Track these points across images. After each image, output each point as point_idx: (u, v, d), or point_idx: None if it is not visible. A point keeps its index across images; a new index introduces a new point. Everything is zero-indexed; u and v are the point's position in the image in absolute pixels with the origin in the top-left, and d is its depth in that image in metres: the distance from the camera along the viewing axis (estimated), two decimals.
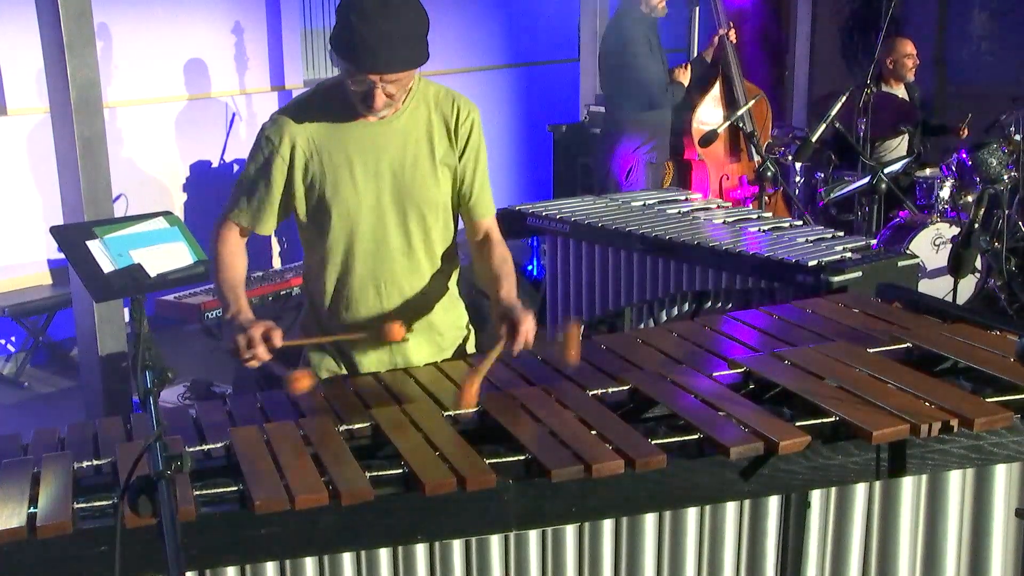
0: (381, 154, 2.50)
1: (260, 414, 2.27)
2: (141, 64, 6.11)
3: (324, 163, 2.49)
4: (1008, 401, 2.15)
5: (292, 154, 2.48)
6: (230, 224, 2.57)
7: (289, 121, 2.49)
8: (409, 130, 2.51)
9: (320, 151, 2.48)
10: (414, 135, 2.52)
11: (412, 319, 2.62)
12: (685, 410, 2.15)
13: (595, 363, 2.46)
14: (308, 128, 2.48)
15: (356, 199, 2.50)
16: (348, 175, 2.49)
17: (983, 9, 7.94)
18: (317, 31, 7.31)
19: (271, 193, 2.51)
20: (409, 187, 2.53)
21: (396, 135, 2.50)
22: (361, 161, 2.49)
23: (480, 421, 2.21)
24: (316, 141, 2.48)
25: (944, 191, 5.73)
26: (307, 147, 2.48)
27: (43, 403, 5.27)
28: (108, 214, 4.36)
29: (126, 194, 5.55)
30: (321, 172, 2.49)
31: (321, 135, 2.49)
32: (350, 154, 2.49)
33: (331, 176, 2.49)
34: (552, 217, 4.39)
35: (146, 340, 1.75)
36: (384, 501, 1.89)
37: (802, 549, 2.12)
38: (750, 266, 3.70)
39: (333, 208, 2.50)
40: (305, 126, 2.48)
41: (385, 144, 2.50)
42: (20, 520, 1.77)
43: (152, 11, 6.11)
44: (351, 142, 2.49)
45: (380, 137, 2.50)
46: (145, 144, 6.22)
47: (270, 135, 2.49)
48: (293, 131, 2.48)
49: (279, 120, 2.50)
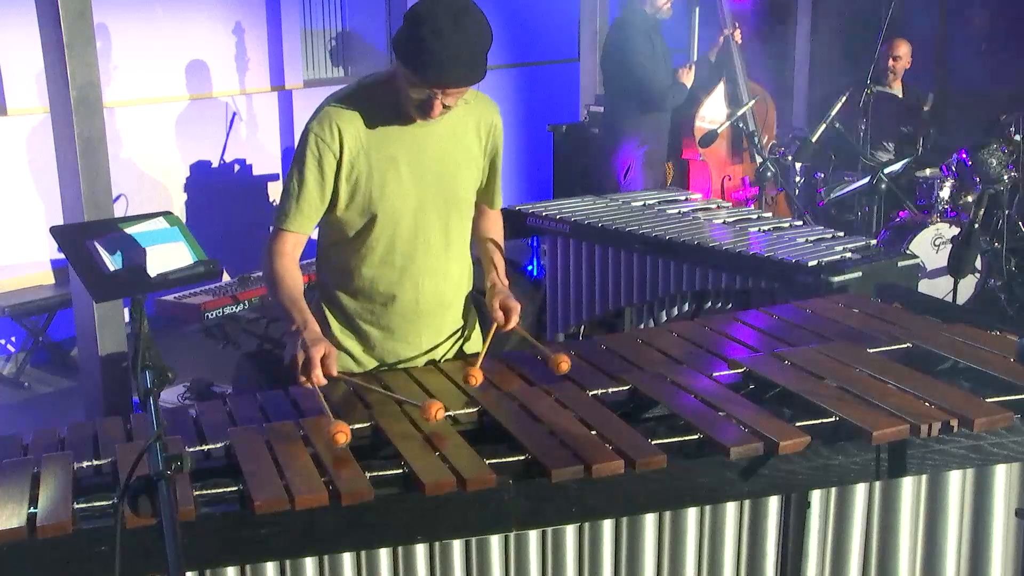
0: (425, 154, 2.53)
1: (260, 414, 2.27)
2: (141, 64, 6.11)
3: (371, 161, 2.49)
4: (1008, 401, 2.15)
5: (341, 149, 2.47)
6: (282, 235, 2.52)
7: (338, 116, 2.47)
8: (450, 132, 2.55)
9: (367, 148, 2.49)
10: (454, 136, 2.56)
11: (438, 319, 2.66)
12: (685, 410, 2.15)
13: (595, 363, 2.46)
14: (355, 124, 2.48)
15: (401, 198, 2.52)
16: (395, 173, 2.51)
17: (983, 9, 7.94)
18: (317, 31, 7.31)
19: (323, 190, 2.49)
20: (450, 187, 2.57)
21: (439, 136, 2.54)
22: (407, 160, 2.51)
23: (480, 421, 2.21)
24: (363, 138, 2.48)
25: (944, 191, 5.72)
26: (354, 144, 2.48)
27: (43, 403, 5.27)
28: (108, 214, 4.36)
29: (126, 194, 5.55)
30: (368, 170, 2.49)
31: (368, 132, 2.49)
32: (395, 153, 2.50)
33: (378, 174, 2.50)
34: (552, 217, 4.39)
35: (146, 340, 1.75)
36: (384, 501, 1.89)
37: (802, 549, 2.12)
38: (750, 266, 3.70)
39: (379, 205, 2.51)
40: (353, 122, 2.48)
41: (429, 144, 2.53)
42: (20, 520, 1.77)
43: (152, 11, 6.11)
44: (396, 141, 2.50)
45: (425, 137, 2.52)
46: (145, 144, 6.22)
47: (319, 133, 2.46)
48: (342, 126, 2.47)
49: (327, 116, 2.48)
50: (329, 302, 2.67)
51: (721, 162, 5.94)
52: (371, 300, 2.61)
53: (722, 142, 5.78)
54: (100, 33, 5.36)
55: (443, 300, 2.66)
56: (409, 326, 2.63)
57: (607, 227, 4.18)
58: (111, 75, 5.90)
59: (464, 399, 2.29)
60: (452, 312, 2.71)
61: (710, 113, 5.88)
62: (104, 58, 5.66)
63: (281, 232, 2.53)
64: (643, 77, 5.56)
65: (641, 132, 5.68)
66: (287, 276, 2.50)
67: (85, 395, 4.59)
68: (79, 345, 4.62)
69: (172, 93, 6.32)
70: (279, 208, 2.54)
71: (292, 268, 2.52)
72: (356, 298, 2.63)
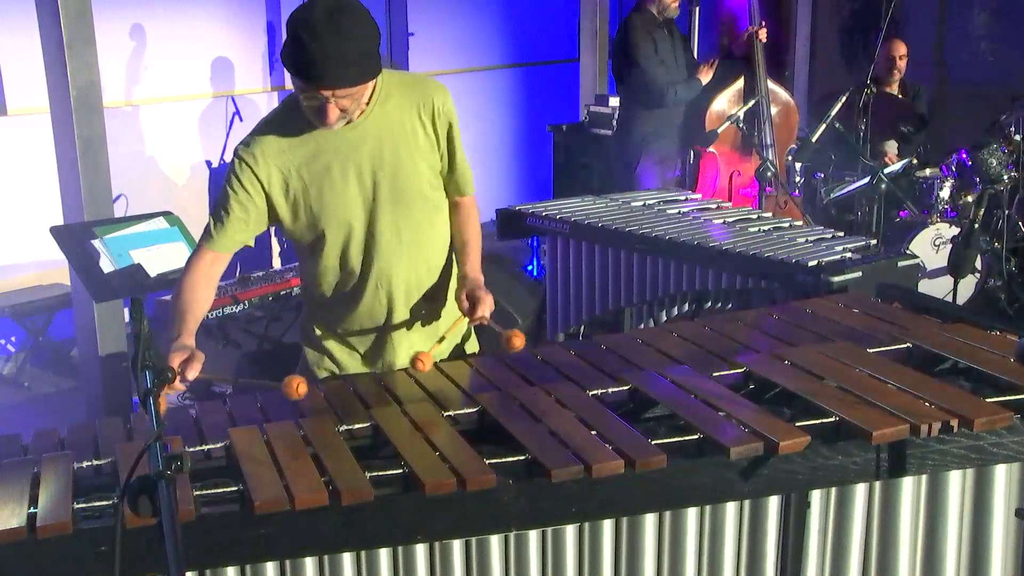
0: (359, 156, 2.49)
1: (260, 414, 2.27)
2: (140, 64, 6.11)
3: (305, 176, 2.47)
4: (1008, 401, 2.15)
5: (269, 173, 2.46)
6: (201, 251, 2.53)
7: (264, 138, 2.47)
8: (382, 127, 2.50)
9: (299, 165, 2.47)
10: (388, 130, 2.51)
11: (415, 311, 2.65)
12: (685, 410, 2.15)
13: (595, 363, 2.46)
14: (281, 144, 2.47)
15: (344, 204, 2.50)
16: (330, 183, 2.49)
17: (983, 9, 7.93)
18: None
19: (248, 210, 2.48)
20: (396, 182, 2.53)
21: (370, 135, 2.49)
22: (340, 166, 2.48)
23: (480, 421, 2.21)
24: (292, 156, 2.47)
25: (944, 191, 5.73)
26: (283, 162, 2.46)
27: (43, 403, 5.26)
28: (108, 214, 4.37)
29: (126, 194, 5.55)
30: (303, 186, 2.48)
31: (296, 149, 2.47)
32: (328, 162, 2.48)
33: (314, 188, 2.48)
34: (552, 217, 4.39)
35: (146, 340, 1.75)
36: (384, 501, 1.89)
37: (802, 549, 2.12)
38: (750, 266, 3.70)
39: (323, 217, 2.50)
40: (278, 143, 2.46)
41: (360, 146, 2.49)
42: (20, 520, 1.77)
43: (152, 11, 6.11)
44: (327, 150, 2.48)
45: (354, 140, 2.48)
46: (145, 144, 6.22)
47: (243, 155, 2.46)
48: (267, 150, 2.46)
49: (251, 140, 2.48)
50: (312, 315, 2.68)
51: (731, 158, 5.93)
52: (343, 307, 2.61)
53: (734, 139, 5.76)
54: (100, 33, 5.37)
55: (419, 294, 2.64)
56: (387, 326, 2.63)
57: (607, 227, 4.18)
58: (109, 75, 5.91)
59: (464, 399, 2.29)
60: (434, 303, 2.68)
61: (723, 107, 5.87)
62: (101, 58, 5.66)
63: (201, 247, 2.53)
64: (641, 75, 5.58)
65: (648, 129, 5.69)
66: (188, 289, 2.48)
67: (85, 395, 4.60)
68: (79, 345, 4.62)
69: (172, 93, 6.32)
70: (206, 226, 2.54)
71: (199, 282, 2.50)
72: (331, 308, 2.63)
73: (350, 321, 2.63)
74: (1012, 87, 6.93)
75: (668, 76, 5.63)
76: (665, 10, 5.66)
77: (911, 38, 6.69)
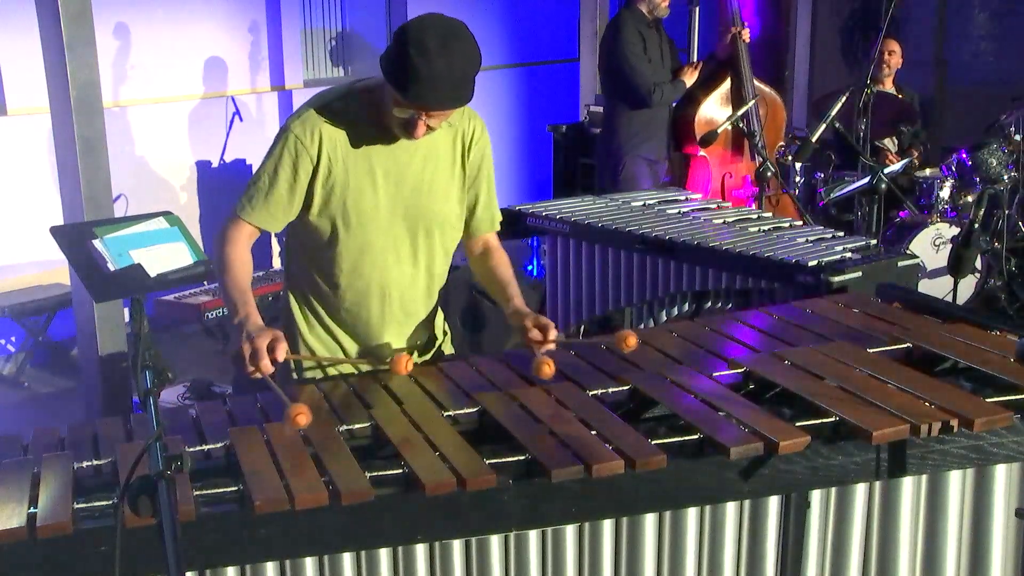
0: (403, 168, 2.52)
1: (260, 414, 2.26)
2: (140, 64, 6.11)
3: (348, 169, 2.48)
4: (1008, 401, 2.15)
5: (319, 154, 2.46)
6: (241, 224, 2.51)
7: (319, 120, 2.46)
8: (431, 148, 2.54)
9: (346, 156, 2.48)
10: (434, 153, 2.55)
11: (405, 327, 2.67)
12: (685, 410, 2.15)
13: (595, 363, 2.46)
14: (336, 130, 2.47)
15: (375, 208, 2.51)
16: (370, 184, 2.49)
17: (983, 9, 7.94)
18: (317, 31, 7.31)
19: (294, 192, 2.48)
20: (424, 203, 2.55)
21: (419, 152, 2.52)
22: (383, 172, 2.50)
23: (480, 421, 2.21)
24: (342, 145, 2.47)
25: (944, 191, 5.73)
26: (333, 150, 2.47)
27: (43, 403, 5.27)
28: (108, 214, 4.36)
29: (126, 194, 5.55)
30: (344, 177, 2.48)
31: (349, 140, 2.48)
32: (374, 164, 2.49)
33: (354, 182, 2.49)
34: (552, 217, 4.39)
35: (146, 340, 1.75)
36: (384, 501, 1.89)
37: (802, 549, 2.12)
38: (750, 266, 3.70)
39: (352, 214, 2.50)
40: (333, 127, 2.47)
41: (407, 159, 2.52)
42: (20, 520, 1.77)
43: (152, 11, 6.11)
44: (376, 152, 2.49)
45: (404, 152, 2.51)
46: (145, 144, 6.22)
47: (299, 134, 2.45)
48: (322, 131, 2.45)
49: (308, 118, 2.47)
50: (299, 303, 2.67)
51: (723, 160, 5.94)
52: (338, 305, 2.61)
53: (724, 141, 5.77)
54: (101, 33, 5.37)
55: (409, 311, 2.66)
56: (374, 334, 2.64)
57: (607, 227, 4.18)
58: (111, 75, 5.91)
59: (464, 399, 2.29)
60: (418, 324, 2.70)
61: (711, 111, 5.89)
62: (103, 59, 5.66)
63: (239, 221, 2.51)
64: (628, 75, 5.58)
65: (634, 129, 5.68)
66: (238, 264, 2.48)
67: (85, 395, 4.59)
68: (79, 345, 4.62)
69: (172, 93, 6.32)
70: (243, 197, 2.51)
71: (245, 257, 2.51)
72: (324, 302, 2.63)
73: (343, 321, 2.64)
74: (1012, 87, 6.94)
75: (655, 76, 5.63)
76: (655, 9, 5.66)
77: (911, 38, 6.70)
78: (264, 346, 2.26)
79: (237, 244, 2.50)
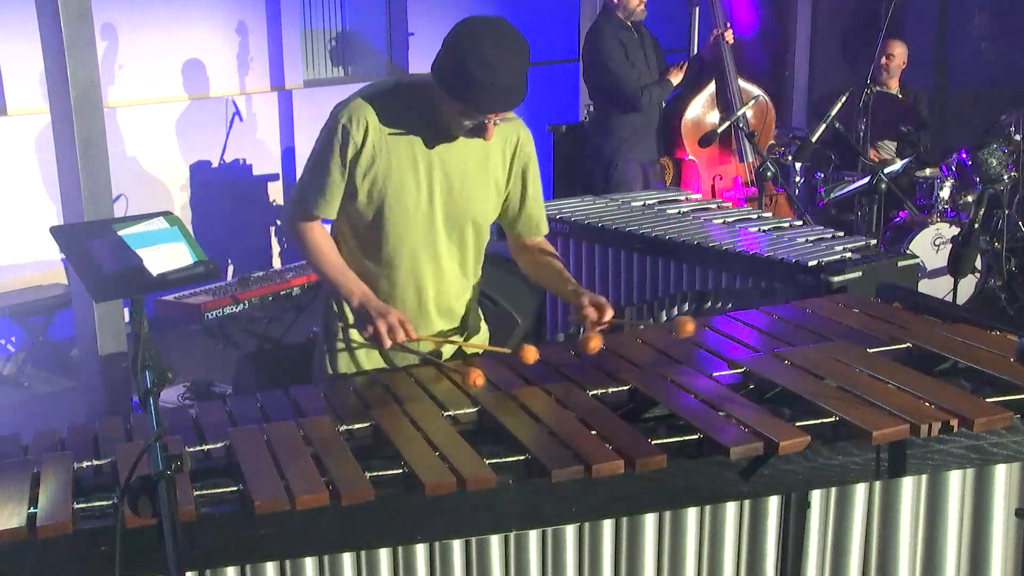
0: (443, 165, 2.54)
1: (260, 414, 2.27)
2: (141, 64, 6.11)
3: (392, 161, 2.51)
4: (1008, 401, 2.15)
5: (364, 142, 2.49)
6: (313, 224, 2.61)
7: (365, 110, 2.49)
8: (472, 148, 2.55)
9: (390, 148, 2.50)
10: (475, 153, 2.57)
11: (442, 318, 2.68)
12: (685, 410, 2.15)
13: (595, 363, 2.46)
14: (383, 121, 2.50)
15: (415, 203, 2.53)
16: (413, 178, 2.52)
17: (983, 9, 7.93)
18: (317, 31, 7.31)
19: (343, 180, 2.53)
20: (461, 201, 2.58)
21: (459, 150, 2.55)
22: (427, 168, 2.53)
23: (480, 421, 2.21)
24: (388, 137, 2.50)
25: (944, 191, 5.72)
26: (379, 140, 2.49)
27: (43, 403, 5.26)
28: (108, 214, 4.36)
29: (126, 194, 5.54)
30: (387, 169, 2.51)
31: (394, 131, 2.50)
32: (418, 158, 2.52)
33: (396, 175, 2.51)
34: (552, 217, 4.37)
35: (146, 340, 1.75)
36: (384, 501, 1.89)
37: (802, 549, 2.12)
38: (750, 266, 3.70)
39: (393, 205, 2.53)
40: (380, 119, 2.50)
41: (448, 157, 2.54)
42: (20, 520, 1.77)
43: (152, 11, 6.11)
44: (420, 148, 2.52)
45: (445, 149, 2.54)
46: (145, 144, 6.22)
47: (346, 123, 2.49)
48: (368, 121, 2.49)
49: (357, 106, 2.50)
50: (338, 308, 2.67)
51: (711, 162, 5.94)
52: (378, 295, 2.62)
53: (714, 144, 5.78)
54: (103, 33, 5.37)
55: (445, 306, 2.68)
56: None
57: (607, 227, 4.18)
58: (115, 75, 5.91)
59: (464, 399, 2.29)
60: (454, 320, 2.72)
61: (699, 113, 5.90)
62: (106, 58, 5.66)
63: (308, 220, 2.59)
64: (612, 80, 5.59)
65: (624, 133, 5.68)
66: (326, 249, 2.60)
67: (85, 395, 4.59)
68: (79, 345, 4.61)
69: (172, 93, 6.32)
70: (299, 196, 2.59)
71: (327, 242, 2.61)
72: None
73: None
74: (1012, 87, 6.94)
75: (640, 79, 5.63)
76: (631, 14, 5.67)
77: (911, 38, 6.68)
78: (397, 321, 2.44)
79: (314, 232, 2.60)
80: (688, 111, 5.88)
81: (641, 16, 5.69)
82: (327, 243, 2.61)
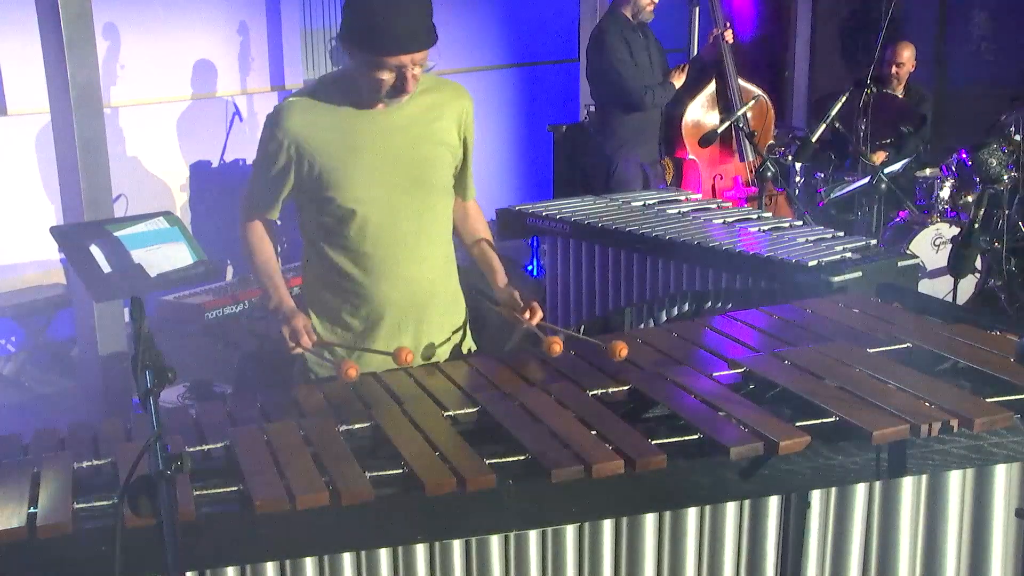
0: (391, 141, 2.54)
1: (260, 414, 2.27)
2: (141, 64, 6.11)
3: (332, 153, 2.51)
4: (1008, 401, 2.15)
5: (297, 144, 2.51)
6: (252, 223, 2.69)
7: (293, 109, 2.53)
8: (415, 116, 2.56)
9: (327, 141, 2.51)
10: (420, 120, 2.57)
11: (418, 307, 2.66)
12: (685, 410, 2.15)
13: (595, 363, 2.46)
14: (311, 117, 2.52)
15: (368, 187, 2.53)
16: (359, 164, 2.52)
17: (983, 10, 7.94)
18: (317, 31, 7.30)
19: (281, 181, 2.57)
20: (422, 173, 2.59)
21: (407, 123, 2.55)
22: (372, 150, 2.53)
23: (480, 421, 2.21)
24: (321, 131, 2.51)
25: (944, 191, 5.73)
26: (311, 135, 2.51)
27: (43, 403, 5.26)
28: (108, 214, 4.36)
29: (126, 194, 5.54)
30: (330, 162, 2.51)
31: (327, 125, 2.51)
32: (359, 143, 2.52)
33: (341, 166, 2.52)
34: (552, 217, 4.39)
35: (146, 340, 1.75)
36: (384, 501, 1.89)
37: (802, 549, 2.12)
38: (750, 266, 3.70)
39: (347, 197, 2.53)
40: (308, 115, 2.52)
41: (396, 132, 2.55)
42: (20, 520, 1.77)
43: (153, 11, 6.11)
44: (359, 132, 2.52)
45: (388, 125, 2.54)
46: (145, 144, 6.22)
47: (272, 126, 2.54)
48: (296, 122, 2.51)
49: (284, 108, 2.55)
50: (312, 303, 2.69)
51: (712, 162, 5.94)
52: (351, 292, 2.62)
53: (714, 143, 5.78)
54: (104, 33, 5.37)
55: (425, 288, 2.66)
56: (392, 318, 2.63)
57: (607, 227, 4.18)
58: (115, 75, 5.91)
59: (464, 399, 2.29)
60: (437, 301, 2.70)
61: (699, 114, 5.90)
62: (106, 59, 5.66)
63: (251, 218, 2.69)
64: (616, 80, 5.59)
65: (625, 133, 5.68)
66: (258, 253, 2.69)
67: (85, 395, 4.59)
68: (79, 345, 4.62)
69: (172, 93, 6.32)
70: (241, 200, 2.71)
71: (263, 245, 2.70)
72: (337, 293, 2.63)
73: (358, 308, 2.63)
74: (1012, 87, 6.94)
75: (644, 80, 5.63)
76: (639, 13, 5.65)
77: (911, 38, 6.68)
78: (301, 326, 2.53)
79: (253, 234, 2.69)
80: (688, 111, 5.89)
81: (648, 17, 5.69)
82: (260, 245, 2.70)
